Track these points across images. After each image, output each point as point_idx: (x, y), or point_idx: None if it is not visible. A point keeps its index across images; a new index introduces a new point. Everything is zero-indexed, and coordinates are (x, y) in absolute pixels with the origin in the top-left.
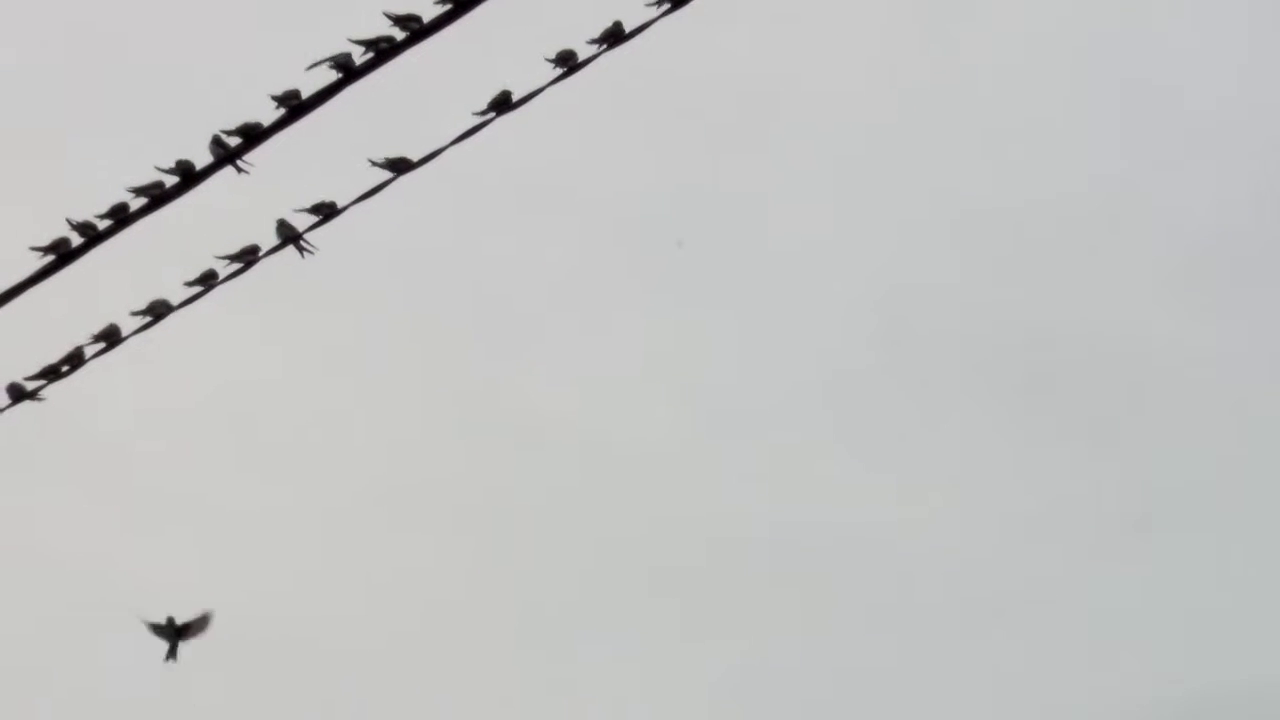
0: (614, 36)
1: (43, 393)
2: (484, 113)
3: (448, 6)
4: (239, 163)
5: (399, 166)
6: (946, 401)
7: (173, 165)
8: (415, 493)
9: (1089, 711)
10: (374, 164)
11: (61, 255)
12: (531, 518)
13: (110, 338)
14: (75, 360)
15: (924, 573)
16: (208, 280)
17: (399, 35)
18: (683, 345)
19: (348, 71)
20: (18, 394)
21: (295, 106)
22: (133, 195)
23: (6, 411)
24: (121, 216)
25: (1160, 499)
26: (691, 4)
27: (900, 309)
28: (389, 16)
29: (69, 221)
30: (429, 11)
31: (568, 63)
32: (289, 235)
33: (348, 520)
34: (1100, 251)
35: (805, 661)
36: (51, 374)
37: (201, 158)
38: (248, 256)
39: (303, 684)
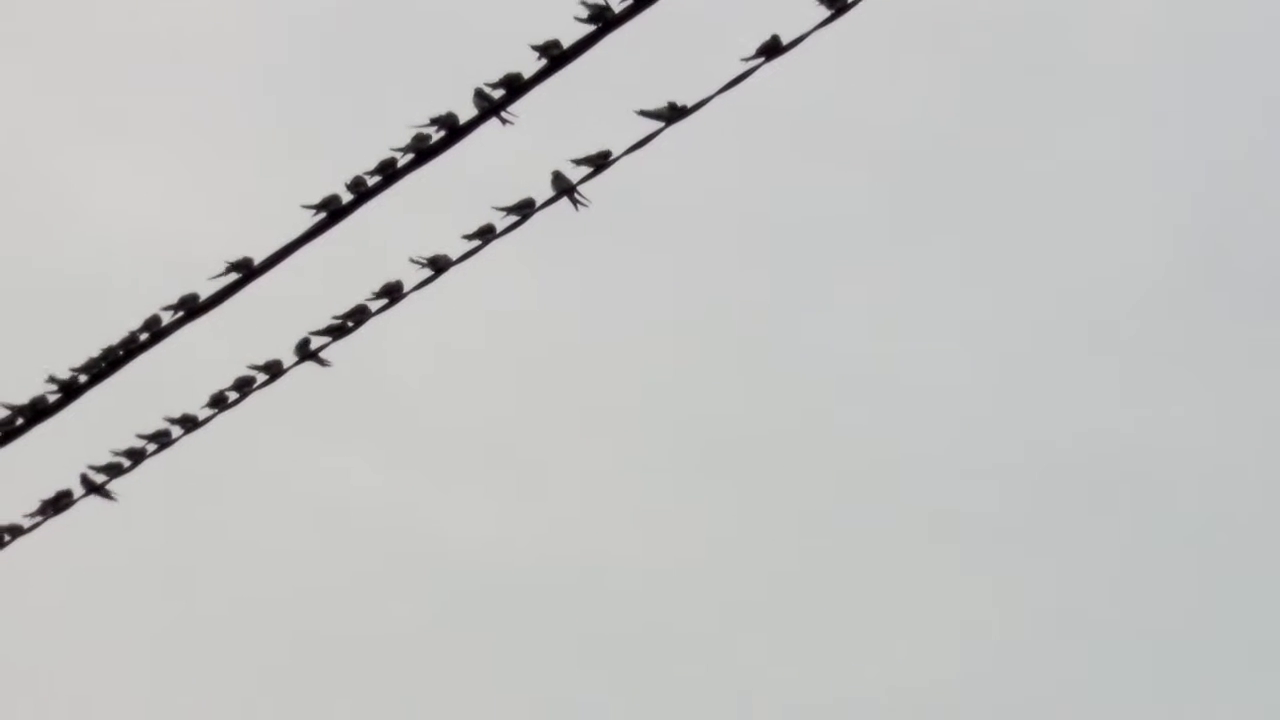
0: None
1: (328, 350)
2: (753, 58)
3: None
4: (503, 114)
5: (670, 116)
6: (1269, 326)
7: (437, 118)
8: (706, 435)
9: None
10: (644, 114)
11: (332, 212)
12: (823, 459)
13: (393, 293)
14: (359, 316)
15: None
16: (485, 233)
17: None
18: (975, 277)
19: (606, 20)
20: (305, 352)
21: (556, 56)
22: (399, 152)
23: (295, 369)
24: (390, 171)
25: None
26: None
27: (1213, 231)
28: None
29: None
30: None
31: (836, 4)
32: (564, 187)
33: (639, 467)
34: None
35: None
36: (338, 331)
37: (465, 110)
38: (524, 209)
39: (596, 631)
